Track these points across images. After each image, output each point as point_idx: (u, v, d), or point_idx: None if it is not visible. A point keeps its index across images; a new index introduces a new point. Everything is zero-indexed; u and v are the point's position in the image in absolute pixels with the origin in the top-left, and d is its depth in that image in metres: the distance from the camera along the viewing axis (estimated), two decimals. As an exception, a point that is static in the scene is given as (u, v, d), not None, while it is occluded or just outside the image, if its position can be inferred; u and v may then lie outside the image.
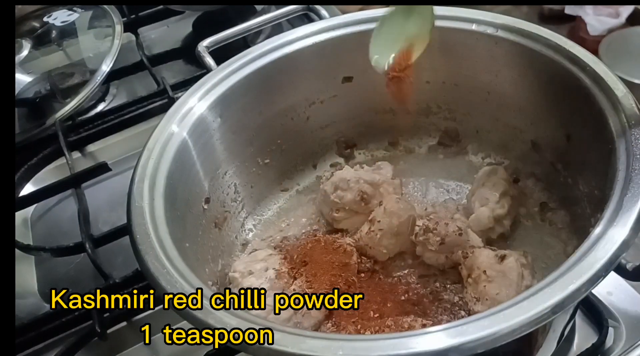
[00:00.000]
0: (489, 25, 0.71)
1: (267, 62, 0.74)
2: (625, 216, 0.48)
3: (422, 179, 0.80)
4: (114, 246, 0.79)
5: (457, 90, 0.78)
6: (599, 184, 0.59)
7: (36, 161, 0.92)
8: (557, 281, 0.44)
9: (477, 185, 0.72)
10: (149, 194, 0.59)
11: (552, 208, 0.71)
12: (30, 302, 0.80)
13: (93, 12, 1.13)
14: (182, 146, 0.65)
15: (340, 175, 0.73)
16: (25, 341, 0.71)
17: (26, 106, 1.07)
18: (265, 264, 0.65)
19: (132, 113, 0.97)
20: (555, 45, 0.65)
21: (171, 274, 0.51)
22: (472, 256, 0.62)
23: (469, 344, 0.42)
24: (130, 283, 0.72)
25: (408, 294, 0.65)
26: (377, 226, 0.67)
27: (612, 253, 0.46)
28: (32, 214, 0.93)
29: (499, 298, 0.58)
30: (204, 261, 0.65)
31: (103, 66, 1.02)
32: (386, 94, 0.80)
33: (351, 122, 0.83)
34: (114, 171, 0.89)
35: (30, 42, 1.13)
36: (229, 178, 0.74)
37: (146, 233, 0.55)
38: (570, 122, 0.66)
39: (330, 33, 0.76)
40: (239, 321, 0.46)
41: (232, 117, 0.72)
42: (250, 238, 0.76)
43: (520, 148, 0.75)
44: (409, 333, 0.43)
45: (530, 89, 0.70)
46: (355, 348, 0.43)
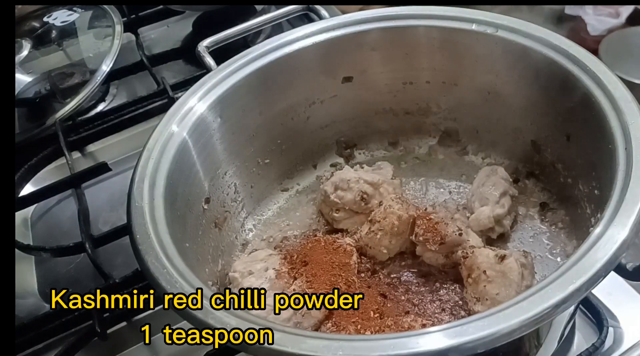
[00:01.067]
0: (489, 25, 0.71)
1: (267, 62, 0.74)
2: (625, 216, 0.48)
3: (422, 179, 0.80)
4: (114, 246, 0.79)
5: (457, 90, 0.78)
6: (599, 184, 0.59)
7: (36, 161, 0.92)
8: (557, 281, 0.44)
9: (477, 185, 0.72)
10: (149, 194, 0.59)
11: (552, 208, 0.72)
12: (30, 302, 0.80)
13: (93, 12, 1.13)
14: (182, 146, 0.65)
15: (340, 175, 0.73)
16: (25, 341, 0.71)
17: (26, 106, 1.07)
18: (265, 264, 0.65)
19: (132, 113, 0.97)
20: (555, 45, 0.65)
21: (171, 274, 0.51)
22: (472, 256, 0.62)
23: (469, 344, 0.42)
24: (130, 283, 0.72)
25: (408, 294, 0.65)
26: (377, 226, 0.67)
27: (612, 253, 0.46)
28: (32, 214, 0.93)
29: (499, 298, 0.58)
30: (204, 261, 0.65)
31: (103, 66, 1.02)
32: (386, 94, 0.81)
33: (351, 122, 0.83)
34: (114, 171, 0.89)
35: (30, 42, 1.13)
36: (229, 178, 0.74)
37: (146, 233, 0.55)
38: (570, 122, 0.66)
39: (330, 33, 0.75)
40: (239, 321, 0.46)
41: (232, 117, 0.72)
42: (250, 238, 0.76)
43: (520, 148, 0.75)
44: (409, 333, 0.43)
45: (530, 89, 0.70)
46: (355, 348, 0.43)
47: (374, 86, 0.80)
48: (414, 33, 0.75)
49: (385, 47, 0.77)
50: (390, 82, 0.80)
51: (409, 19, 0.75)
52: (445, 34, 0.73)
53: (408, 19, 0.75)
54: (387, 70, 0.79)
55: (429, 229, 0.65)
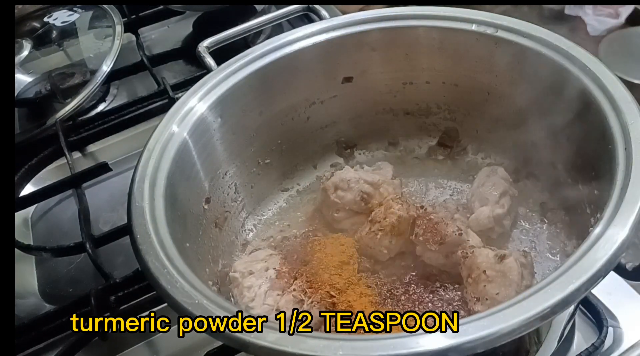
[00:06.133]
0: (489, 26, 0.71)
1: (268, 63, 0.74)
2: (625, 216, 0.48)
3: (422, 179, 0.80)
4: (114, 246, 0.79)
5: (457, 90, 0.78)
6: (599, 184, 0.59)
7: (36, 161, 0.92)
8: (557, 281, 0.44)
9: (477, 185, 0.72)
10: (150, 194, 0.59)
11: (552, 208, 0.72)
12: (30, 302, 0.80)
13: (93, 12, 1.13)
14: (182, 146, 0.65)
15: (340, 175, 0.73)
16: (25, 341, 0.71)
17: (26, 106, 1.07)
18: (266, 264, 0.65)
19: (133, 113, 0.97)
20: (555, 46, 0.65)
21: (171, 274, 0.51)
22: (472, 256, 0.62)
23: (468, 344, 0.42)
24: (130, 283, 0.72)
25: (408, 294, 0.65)
26: (377, 226, 0.67)
27: (611, 253, 0.46)
28: (33, 214, 0.93)
29: (499, 298, 0.58)
30: (204, 261, 0.65)
31: (103, 66, 1.02)
32: (386, 94, 0.81)
33: (351, 122, 0.83)
34: (114, 171, 0.89)
35: (31, 42, 1.13)
36: (229, 178, 0.74)
37: (147, 233, 0.55)
38: (570, 123, 0.66)
39: (330, 33, 0.76)
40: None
41: (232, 117, 0.72)
42: (251, 238, 0.76)
43: (520, 148, 0.75)
44: (408, 333, 0.43)
45: (530, 89, 0.70)
46: (355, 348, 0.43)
47: (374, 86, 0.80)
48: (414, 33, 0.75)
49: (385, 48, 0.77)
50: (390, 83, 0.80)
51: (409, 19, 0.75)
52: (445, 34, 0.73)
53: (408, 19, 0.75)
54: (387, 70, 0.79)
55: (429, 229, 0.65)
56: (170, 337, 0.69)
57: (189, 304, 0.48)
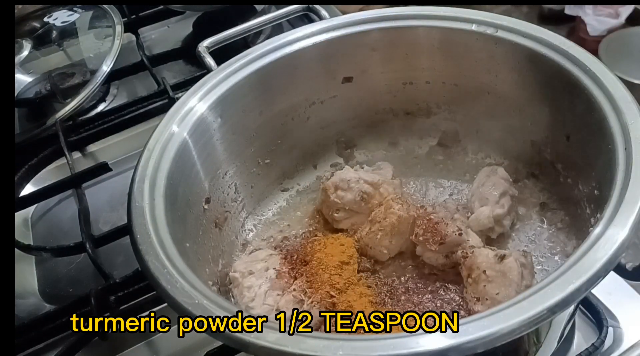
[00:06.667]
0: (489, 26, 0.71)
1: (267, 63, 0.74)
2: (625, 216, 0.48)
3: (422, 179, 0.80)
4: (114, 246, 0.79)
5: (457, 90, 0.78)
6: (599, 184, 0.59)
7: (36, 161, 0.92)
8: (557, 281, 0.44)
9: (477, 185, 0.72)
10: (150, 194, 0.59)
11: (552, 208, 0.72)
12: (30, 302, 0.80)
13: (93, 12, 1.13)
14: (182, 146, 0.65)
15: (341, 175, 0.73)
16: (25, 341, 0.71)
17: (26, 106, 1.07)
18: (266, 264, 0.65)
19: (133, 113, 0.97)
20: (555, 46, 0.65)
21: (171, 274, 0.51)
22: (472, 256, 0.62)
23: (468, 344, 0.42)
24: (130, 283, 0.72)
25: (408, 294, 0.65)
26: (377, 226, 0.67)
27: (611, 253, 0.46)
28: (33, 214, 0.93)
29: (499, 298, 0.58)
30: (204, 261, 0.65)
31: (103, 66, 1.02)
32: (386, 94, 0.81)
33: (351, 122, 0.83)
34: (114, 171, 0.89)
35: (31, 42, 1.13)
36: (229, 178, 0.74)
37: (147, 233, 0.55)
38: (570, 122, 0.66)
39: (330, 33, 0.76)
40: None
41: (232, 117, 0.72)
42: (251, 238, 0.76)
43: (520, 148, 0.75)
44: (409, 333, 0.43)
45: (530, 89, 0.70)
46: (355, 348, 0.43)
47: (374, 86, 0.80)
48: (414, 33, 0.75)
49: (385, 48, 0.77)
50: (390, 83, 0.80)
51: (409, 19, 0.75)
52: (445, 34, 0.73)
53: (408, 19, 0.75)
54: (387, 70, 0.79)
55: (429, 229, 0.65)
56: (170, 337, 0.69)
57: (189, 304, 0.48)
